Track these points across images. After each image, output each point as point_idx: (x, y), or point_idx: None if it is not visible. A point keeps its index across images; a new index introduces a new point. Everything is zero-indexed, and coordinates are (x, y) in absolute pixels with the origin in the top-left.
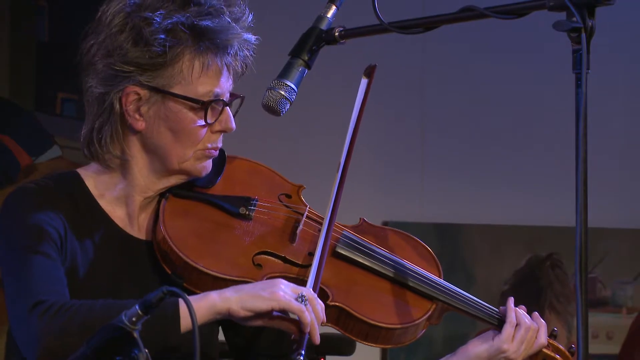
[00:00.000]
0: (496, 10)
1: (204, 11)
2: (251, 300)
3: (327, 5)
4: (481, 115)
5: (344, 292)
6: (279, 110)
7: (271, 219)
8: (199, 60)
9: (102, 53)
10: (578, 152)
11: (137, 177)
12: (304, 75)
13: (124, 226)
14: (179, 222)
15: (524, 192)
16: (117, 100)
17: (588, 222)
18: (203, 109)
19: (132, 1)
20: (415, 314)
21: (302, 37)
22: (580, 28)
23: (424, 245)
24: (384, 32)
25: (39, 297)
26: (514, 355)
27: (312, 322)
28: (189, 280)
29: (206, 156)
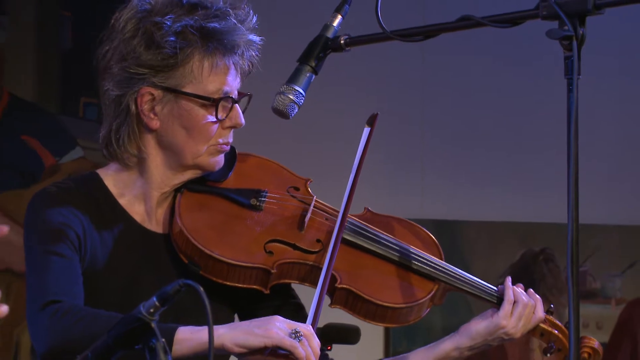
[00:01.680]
0: (492, 20)
1: (211, 14)
2: (244, 337)
3: (333, 15)
4: (478, 118)
5: (351, 275)
6: (288, 113)
7: (280, 209)
8: (208, 60)
9: (116, 58)
10: (570, 153)
11: (153, 173)
12: (311, 80)
13: (142, 222)
14: (194, 215)
15: (518, 190)
16: (133, 101)
17: (579, 218)
18: (214, 106)
19: (143, 7)
20: (419, 294)
21: (309, 44)
22: (572, 36)
23: (426, 231)
24: (386, 39)
25: (52, 297)
26: (512, 331)
27: (308, 356)
28: (205, 269)
29: (218, 151)
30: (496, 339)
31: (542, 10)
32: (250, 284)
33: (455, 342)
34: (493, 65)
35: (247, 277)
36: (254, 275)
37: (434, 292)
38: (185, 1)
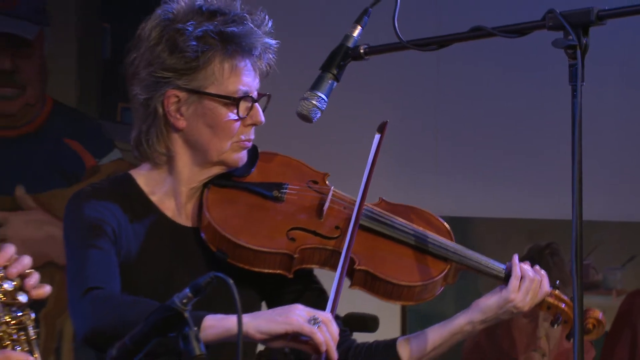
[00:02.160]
0: (502, 30)
1: (229, 19)
2: (266, 324)
3: (353, 26)
4: (488, 122)
5: (368, 258)
6: (311, 117)
7: (301, 200)
8: (228, 62)
9: (143, 64)
10: (574, 154)
11: (182, 170)
12: (333, 87)
13: (173, 216)
14: (221, 208)
15: (525, 189)
16: (160, 103)
17: (583, 215)
18: (235, 104)
19: (166, 17)
20: (433, 273)
21: (331, 53)
22: (576, 45)
23: (437, 217)
24: (403, 49)
25: (92, 284)
26: (521, 304)
27: (327, 342)
28: (232, 256)
29: (241, 147)
30: (506, 312)
31: (548, 21)
32: (274, 269)
33: (468, 316)
34: (502, 72)
35: (271, 262)
36: (277, 260)
37: (447, 272)
38: (205, 8)
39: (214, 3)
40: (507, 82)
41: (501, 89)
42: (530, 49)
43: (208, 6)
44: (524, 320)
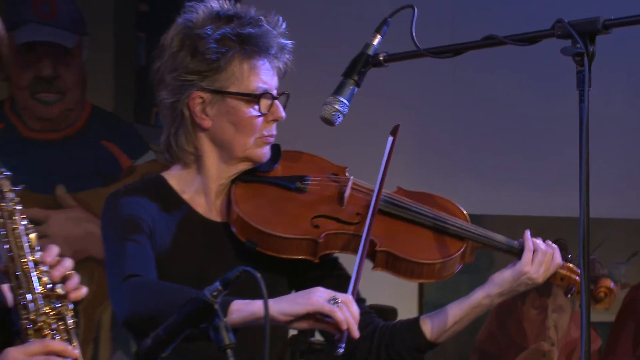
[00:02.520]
0: (513, 38)
1: (245, 22)
2: (288, 305)
3: (373, 35)
4: (500, 125)
5: (388, 239)
6: (333, 121)
7: (322, 190)
8: (247, 62)
9: (168, 70)
10: (581, 156)
11: (210, 168)
12: (354, 92)
13: (204, 213)
14: (248, 201)
15: (535, 188)
16: (185, 105)
17: (589, 213)
18: (256, 101)
19: (186, 25)
20: (451, 251)
21: (352, 61)
22: (583, 53)
23: (452, 201)
24: (420, 56)
25: (130, 272)
26: (535, 275)
27: (348, 320)
28: (260, 245)
29: (264, 142)
30: (521, 284)
31: (557, 30)
32: (301, 255)
33: (485, 290)
34: (513, 78)
35: (298, 248)
36: (304, 246)
37: (464, 250)
38: (222, 14)
39: (230, 9)
40: (518, 88)
41: (512, 95)
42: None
43: (225, 12)
44: (533, 312)
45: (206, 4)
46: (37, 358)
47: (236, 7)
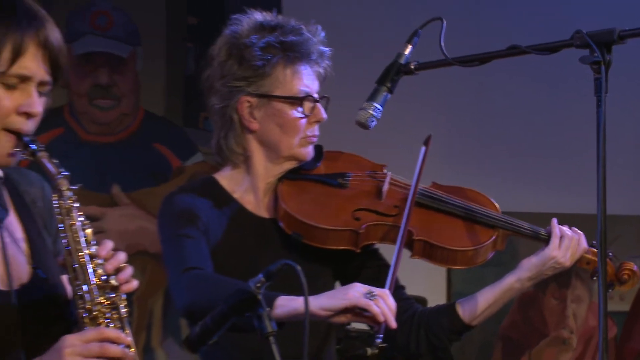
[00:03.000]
0: (535, 48)
1: (287, 30)
2: (327, 301)
3: (404, 45)
4: (524, 128)
5: (424, 229)
6: (368, 125)
7: (362, 185)
8: (290, 67)
9: (217, 77)
10: (599, 157)
11: (258, 168)
12: (387, 98)
13: (253, 210)
14: (294, 197)
15: (555, 187)
16: (234, 110)
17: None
18: (299, 103)
19: (232, 36)
20: (482, 239)
21: (385, 69)
22: (600, 61)
23: (482, 193)
24: (448, 65)
25: (191, 264)
26: (562, 260)
27: (384, 312)
28: (306, 237)
29: (308, 142)
30: (549, 268)
31: (576, 40)
32: (343, 245)
33: (516, 275)
34: (534, 85)
35: (340, 239)
36: (346, 237)
37: (495, 238)
38: (266, 24)
39: (273, 19)
40: (539, 94)
41: (535, 100)
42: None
43: (268, 22)
44: (554, 302)
45: (250, 15)
46: (92, 344)
47: (278, 17)
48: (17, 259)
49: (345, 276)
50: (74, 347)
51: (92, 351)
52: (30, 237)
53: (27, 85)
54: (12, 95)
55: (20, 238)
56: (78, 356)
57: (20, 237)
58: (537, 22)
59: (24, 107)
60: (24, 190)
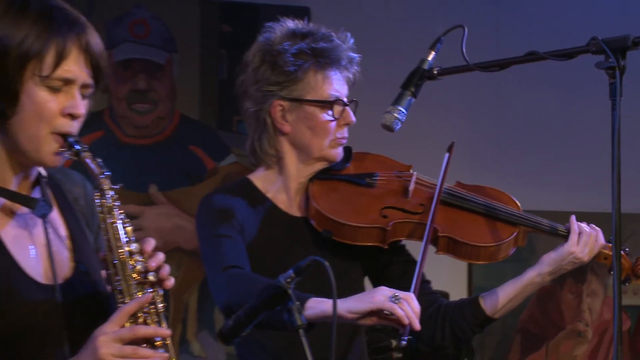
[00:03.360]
0: (552, 54)
1: (318, 37)
2: (354, 304)
3: (427, 51)
4: (541, 131)
5: (449, 226)
6: (393, 127)
7: (389, 185)
8: (321, 73)
9: (251, 82)
10: (613, 157)
11: (290, 168)
12: (411, 102)
13: (286, 209)
14: (325, 196)
15: (571, 187)
16: (267, 113)
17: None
18: (330, 107)
19: (265, 43)
20: (504, 235)
21: (409, 74)
22: (615, 67)
23: (504, 192)
24: (469, 70)
25: (230, 263)
26: (580, 255)
27: (409, 315)
28: (336, 233)
29: (338, 144)
30: (569, 263)
31: (591, 46)
32: (371, 242)
33: (536, 270)
34: (551, 89)
35: (369, 236)
36: (374, 234)
37: (516, 234)
38: (297, 31)
39: (304, 27)
40: (557, 98)
41: (552, 104)
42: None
43: (300, 29)
44: (570, 296)
45: (283, 23)
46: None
47: (309, 25)
48: (60, 254)
49: (373, 271)
50: (107, 334)
51: (125, 336)
52: (72, 234)
53: (71, 88)
54: (56, 98)
55: (64, 235)
56: (113, 342)
57: (63, 234)
58: (554, 29)
59: (68, 109)
60: (67, 189)
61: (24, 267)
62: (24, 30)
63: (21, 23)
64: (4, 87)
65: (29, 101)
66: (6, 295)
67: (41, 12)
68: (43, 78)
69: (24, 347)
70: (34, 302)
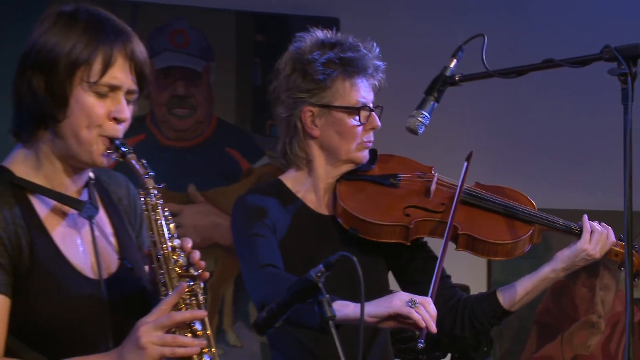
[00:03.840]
0: (567, 61)
1: (346, 47)
2: (373, 308)
3: (450, 59)
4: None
5: (468, 224)
6: (417, 130)
7: (412, 185)
8: (348, 81)
9: (283, 89)
10: (625, 158)
11: (319, 170)
12: (434, 107)
13: (315, 208)
14: (351, 196)
15: (584, 186)
16: (298, 118)
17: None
18: (357, 113)
19: (296, 52)
20: (520, 233)
21: (433, 80)
22: (627, 73)
23: (520, 192)
24: (489, 77)
25: (265, 262)
26: (592, 252)
27: (425, 319)
28: (361, 231)
29: (364, 147)
30: (581, 260)
31: (605, 54)
32: (395, 239)
33: (551, 266)
34: (567, 94)
35: (392, 233)
36: (397, 231)
37: (532, 232)
38: (326, 41)
39: (333, 37)
40: (572, 102)
41: (566, 108)
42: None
43: (328, 39)
44: (583, 290)
45: (312, 33)
46: (163, 319)
47: (337, 35)
48: (106, 251)
49: (396, 267)
50: (148, 324)
51: (165, 324)
52: (117, 231)
53: (117, 94)
54: (103, 103)
55: (109, 232)
56: (153, 331)
57: (109, 232)
58: (569, 37)
59: (114, 114)
60: (112, 190)
61: (73, 263)
62: (73, 39)
63: (70, 32)
64: (54, 92)
65: (78, 106)
66: (57, 289)
67: (89, 22)
68: (91, 84)
69: (72, 337)
70: (82, 295)
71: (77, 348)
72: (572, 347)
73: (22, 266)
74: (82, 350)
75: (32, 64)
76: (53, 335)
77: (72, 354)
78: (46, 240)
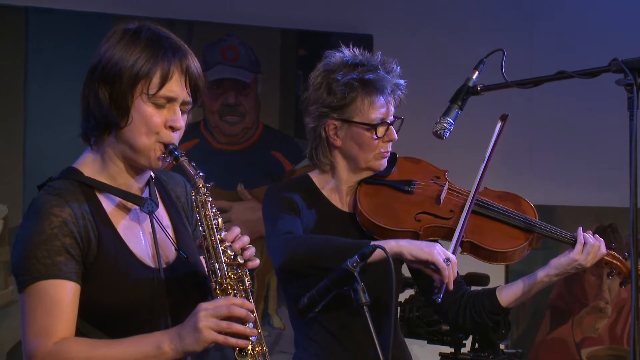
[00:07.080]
0: (579, 73)
1: (367, 69)
2: (416, 250)
3: (472, 71)
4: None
5: (472, 232)
6: (442, 135)
7: (425, 192)
8: (367, 99)
9: (311, 102)
10: (631, 160)
11: (341, 174)
12: (458, 114)
13: (338, 205)
14: (369, 199)
15: (595, 185)
16: (323, 130)
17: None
18: (374, 128)
19: (326, 68)
20: (519, 241)
21: (457, 90)
22: (633, 83)
23: (526, 199)
24: (508, 87)
25: (287, 230)
26: (584, 262)
27: (450, 278)
28: (376, 234)
29: (382, 157)
30: (573, 268)
31: (612, 66)
32: None
33: (545, 271)
34: (578, 102)
35: (404, 237)
36: (408, 236)
37: (530, 240)
38: (350, 62)
39: (357, 57)
40: (582, 110)
41: (577, 115)
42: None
43: (353, 60)
44: (592, 278)
45: (341, 52)
46: (222, 307)
47: (362, 55)
48: (165, 242)
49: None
50: (207, 310)
51: (222, 313)
52: (175, 225)
53: (173, 105)
54: (160, 112)
55: (168, 226)
56: (211, 317)
57: (167, 226)
58: (581, 50)
59: (170, 122)
60: (170, 188)
61: (135, 253)
62: (136, 54)
63: (134, 49)
64: (117, 102)
65: (138, 115)
66: (122, 275)
67: (150, 40)
68: (150, 96)
69: (135, 318)
70: (143, 281)
71: (139, 327)
72: (582, 329)
73: (90, 256)
74: (143, 330)
75: (99, 76)
76: (117, 317)
77: (134, 333)
78: (112, 233)
